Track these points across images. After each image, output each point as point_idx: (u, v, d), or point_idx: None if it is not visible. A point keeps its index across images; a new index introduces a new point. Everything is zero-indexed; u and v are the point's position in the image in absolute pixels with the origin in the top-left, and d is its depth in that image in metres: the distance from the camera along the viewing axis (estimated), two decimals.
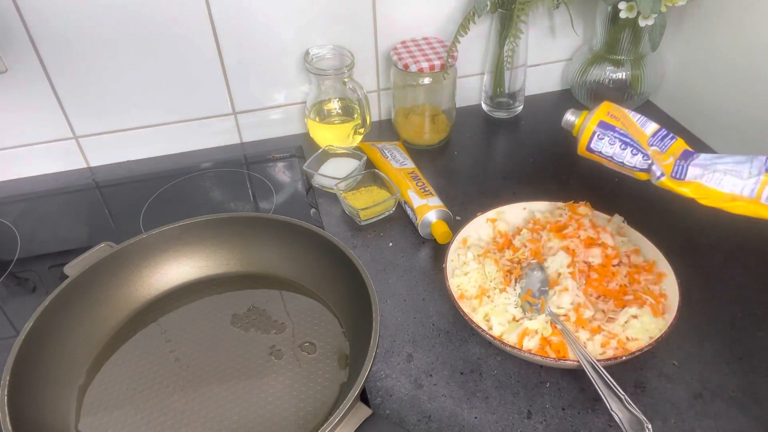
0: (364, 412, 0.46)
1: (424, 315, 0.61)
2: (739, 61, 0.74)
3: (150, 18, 0.74)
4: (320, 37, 0.81)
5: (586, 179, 0.77)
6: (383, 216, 0.72)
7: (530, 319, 0.55)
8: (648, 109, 0.90)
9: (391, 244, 0.70)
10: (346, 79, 0.79)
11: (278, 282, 0.63)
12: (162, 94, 0.81)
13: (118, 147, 0.84)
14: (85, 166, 0.85)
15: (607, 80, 0.86)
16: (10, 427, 0.45)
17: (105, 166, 0.85)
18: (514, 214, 0.67)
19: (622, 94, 0.86)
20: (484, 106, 0.92)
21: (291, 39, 0.80)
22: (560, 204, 0.66)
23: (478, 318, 0.56)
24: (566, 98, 0.94)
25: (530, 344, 0.53)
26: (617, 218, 0.64)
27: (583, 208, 0.64)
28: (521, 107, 0.91)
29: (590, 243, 0.60)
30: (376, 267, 0.67)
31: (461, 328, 0.59)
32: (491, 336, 0.53)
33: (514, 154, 0.85)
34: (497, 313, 0.56)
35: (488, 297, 0.58)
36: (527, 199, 0.68)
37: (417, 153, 0.84)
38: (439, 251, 0.68)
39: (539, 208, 0.67)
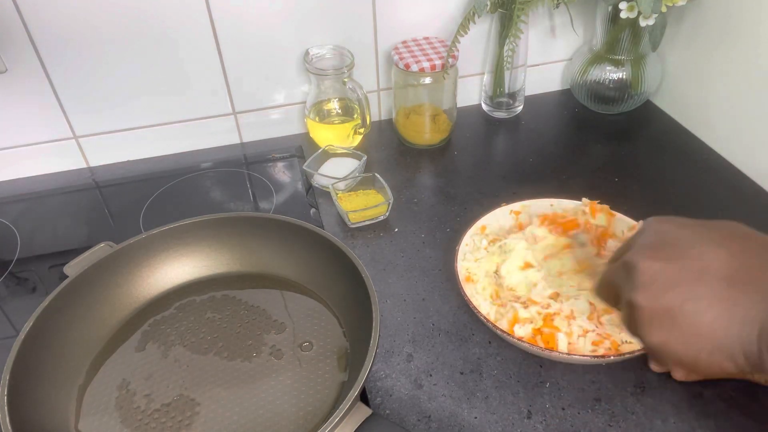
0: (364, 411, 0.46)
1: (424, 315, 0.61)
2: (740, 61, 0.74)
3: (150, 18, 0.74)
4: (320, 37, 0.81)
5: (586, 179, 0.77)
6: (376, 221, 0.72)
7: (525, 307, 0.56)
8: (648, 109, 0.90)
9: (391, 244, 0.70)
10: (345, 79, 0.79)
11: (278, 282, 0.63)
12: (162, 94, 0.81)
13: (118, 147, 0.84)
14: (85, 166, 0.85)
15: (607, 80, 0.86)
16: (10, 427, 0.44)
17: (105, 166, 0.85)
18: (539, 208, 0.67)
19: (622, 94, 0.86)
20: (484, 106, 0.92)
21: (291, 39, 0.80)
22: (585, 202, 0.65)
23: (479, 302, 0.57)
24: (566, 98, 0.94)
25: (521, 332, 0.54)
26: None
27: (600, 215, 0.64)
28: (521, 107, 0.91)
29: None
30: (376, 267, 0.67)
31: (461, 328, 0.60)
32: (485, 318, 0.54)
33: (514, 154, 0.85)
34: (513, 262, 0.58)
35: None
36: (527, 199, 0.68)
37: (417, 153, 0.84)
38: (439, 251, 0.68)
39: (565, 206, 0.66)
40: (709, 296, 0.35)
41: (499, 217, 0.66)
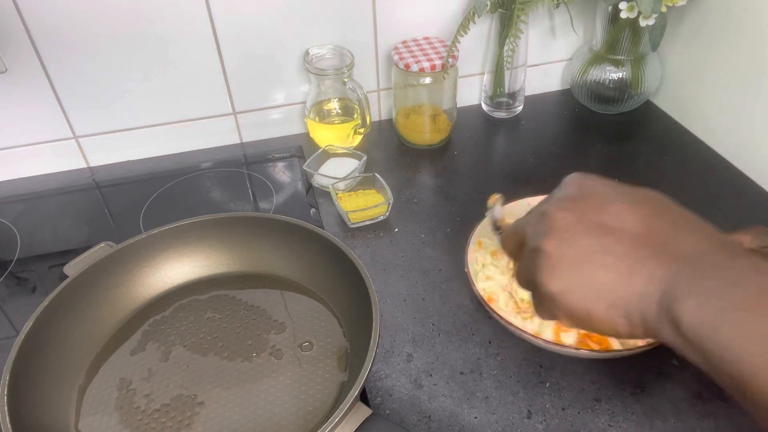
0: (364, 412, 0.46)
1: (424, 315, 0.61)
2: (739, 61, 0.74)
3: (150, 18, 0.74)
4: (320, 37, 0.81)
5: None
6: (376, 221, 0.72)
7: None
8: (648, 109, 0.90)
9: (391, 244, 0.70)
10: (345, 79, 0.79)
11: (278, 282, 0.63)
12: (162, 94, 0.81)
13: (118, 147, 0.84)
14: (85, 166, 0.85)
15: (607, 80, 0.86)
16: (10, 427, 0.44)
17: (105, 166, 0.85)
18: (520, 211, 0.66)
19: (622, 94, 0.86)
20: (484, 106, 0.92)
21: (291, 39, 0.80)
22: None
23: (516, 321, 0.56)
24: (566, 98, 0.95)
25: (569, 339, 0.54)
26: None
27: None
28: (521, 107, 0.91)
29: None
30: (376, 267, 0.67)
31: (461, 328, 0.60)
32: (543, 340, 0.53)
33: (514, 154, 0.85)
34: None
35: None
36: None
37: (417, 153, 0.84)
38: (439, 251, 0.68)
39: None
40: (618, 252, 0.35)
41: (487, 227, 0.64)
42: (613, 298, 0.35)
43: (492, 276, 0.60)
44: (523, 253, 0.41)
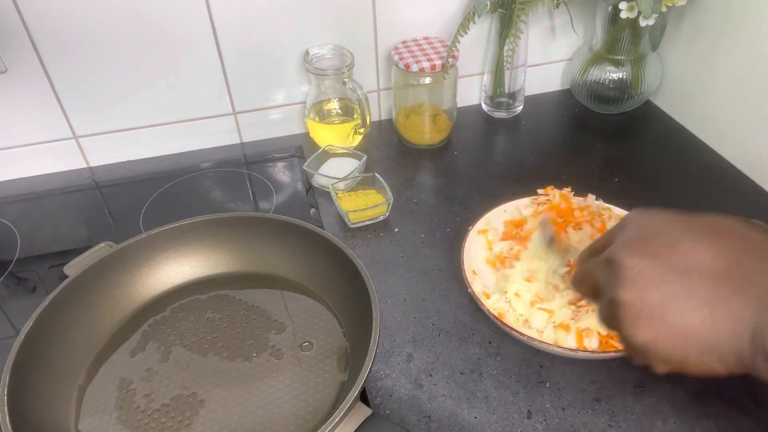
0: (364, 411, 0.46)
1: (424, 315, 0.61)
2: (739, 61, 0.74)
3: (150, 18, 0.74)
4: (320, 37, 0.81)
5: (586, 179, 0.77)
6: (376, 221, 0.72)
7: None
8: (648, 109, 0.90)
9: (391, 244, 0.70)
10: (345, 79, 0.79)
11: (278, 282, 0.63)
12: (162, 94, 0.81)
13: (118, 147, 0.84)
14: (85, 166, 0.85)
15: (607, 80, 0.86)
16: (10, 427, 0.44)
17: (105, 166, 0.85)
18: (498, 218, 0.67)
19: (622, 94, 0.86)
20: (484, 106, 0.92)
21: (291, 39, 0.80)
22: (541, 192, 0.68)
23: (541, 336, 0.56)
24: (566, 98, 0.94)
25: (592, 344, 0.54)
26: (591, 198, 0.66)
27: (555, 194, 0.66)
28: (521, 107, 0.91)
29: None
30: (376, 267, 0.67)
31: (461, 328, 0.59)
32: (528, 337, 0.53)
33: (514, 154, 0.85)
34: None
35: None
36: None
37: (417, 153, 0.84)
38: (439, 251, 0.68)
39: (521, 204, 0.67)
40: (700, 294, 0.34)
41: (475, 244, 0.64)
42: (704, 344, 0.34)
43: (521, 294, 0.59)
44: (601, 300, 0.40)
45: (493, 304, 0.58)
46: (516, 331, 0.54)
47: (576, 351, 0.53)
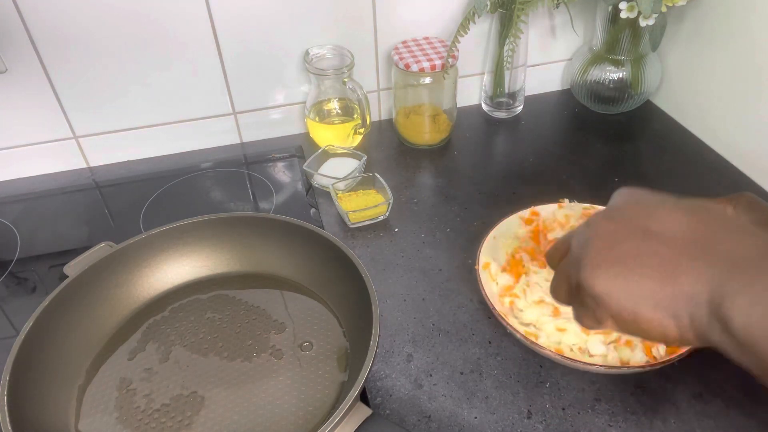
0: (364, 412, 0.46)
1: (424, 315, 0.61)
2: (739, 61, 0.74)
3: (150, 18, 0.74)
4: (320, 37, 0.81)
5: (586, 179, 0.77)
6: (376, 221, 0.72)
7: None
8: (648, 109, 0.91)
9: (391, 244, 0.70)
10: (345, 79, 0.79)
11: (278, 282, 0.63)
12: (162, 94, 0.81)
13: (118, 147, 0.84)
14: (85, 166, 0.85)
15: (607, 80, 0.86)
16: (10, 427, 0.44)
17: (105, 166, 0.85)
18: (511, 226, 0.65)
19: (622, 94, 0.86)
20: (484, 106, 0.92)
21: (291, 39, 0.80)
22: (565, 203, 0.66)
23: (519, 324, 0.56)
24: (566, 98, 0.95)
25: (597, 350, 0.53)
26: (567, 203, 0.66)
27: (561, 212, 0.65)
28: (521, 107, 0.91)
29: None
30: (376, 267, 0.67)
31: (461, 328, 0.60)
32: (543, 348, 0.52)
33: (514, 154, 0.85)
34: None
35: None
36: (527, 199, 0.68)
37: (417, 153, 0.84)
38: (439, 251, 0.68)
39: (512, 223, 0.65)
40: (664, 253, 0.34)
41: (492, 247, 0.62)
42: (659, 298, 0.34)
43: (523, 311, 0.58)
44: (565, 261, 0.40)
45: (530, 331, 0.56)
46: (517, 331, 0.53)
47: (576, 361, 0.52)
